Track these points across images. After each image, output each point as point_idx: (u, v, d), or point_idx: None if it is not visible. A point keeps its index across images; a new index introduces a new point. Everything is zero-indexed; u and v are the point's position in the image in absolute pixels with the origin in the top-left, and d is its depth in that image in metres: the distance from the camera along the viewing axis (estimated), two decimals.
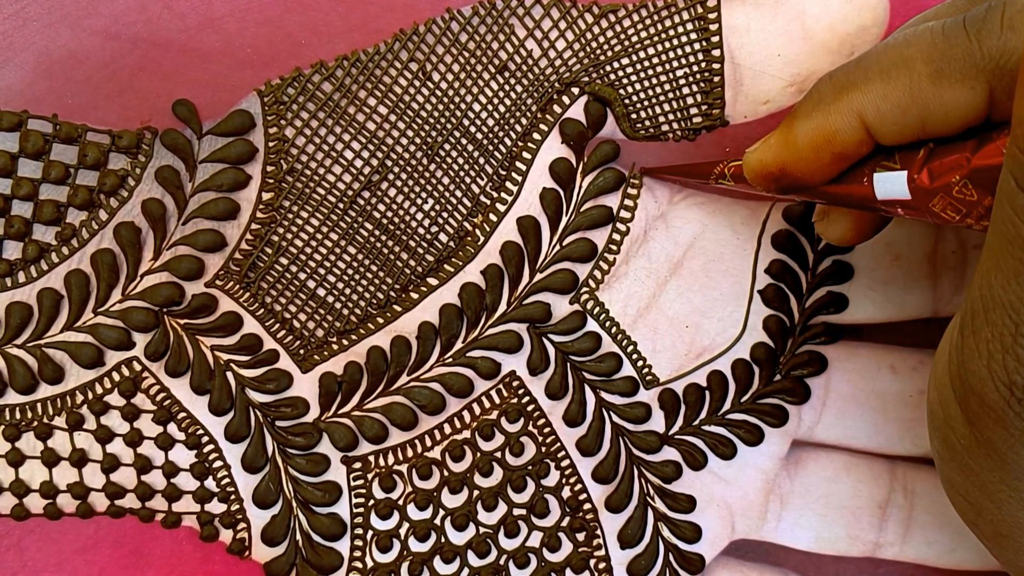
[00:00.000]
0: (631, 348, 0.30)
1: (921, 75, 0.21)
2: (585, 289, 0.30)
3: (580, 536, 0.30)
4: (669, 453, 0.30)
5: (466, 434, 0.30)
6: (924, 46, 0.21)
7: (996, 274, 0.19)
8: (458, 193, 0.29)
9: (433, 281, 0.30)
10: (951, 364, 0.21)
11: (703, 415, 0.30)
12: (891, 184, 0.22)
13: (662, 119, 0.30)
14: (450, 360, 0.30)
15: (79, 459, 0.29)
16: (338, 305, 0.29)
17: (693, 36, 0.30)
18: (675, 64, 0.30)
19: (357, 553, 0.30)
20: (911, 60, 0.21)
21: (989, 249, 0.19)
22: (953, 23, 0.21)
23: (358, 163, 0.29)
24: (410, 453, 0.30)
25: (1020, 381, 0.19)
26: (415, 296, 0.30)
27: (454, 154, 0.29)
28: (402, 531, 0.30)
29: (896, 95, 0.22)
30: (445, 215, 0.30)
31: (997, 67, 0.20)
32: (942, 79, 0.21)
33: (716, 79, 0.30)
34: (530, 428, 0.30)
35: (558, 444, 0.30)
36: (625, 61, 0.30)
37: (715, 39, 0.30)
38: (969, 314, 0.20)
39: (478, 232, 0.30)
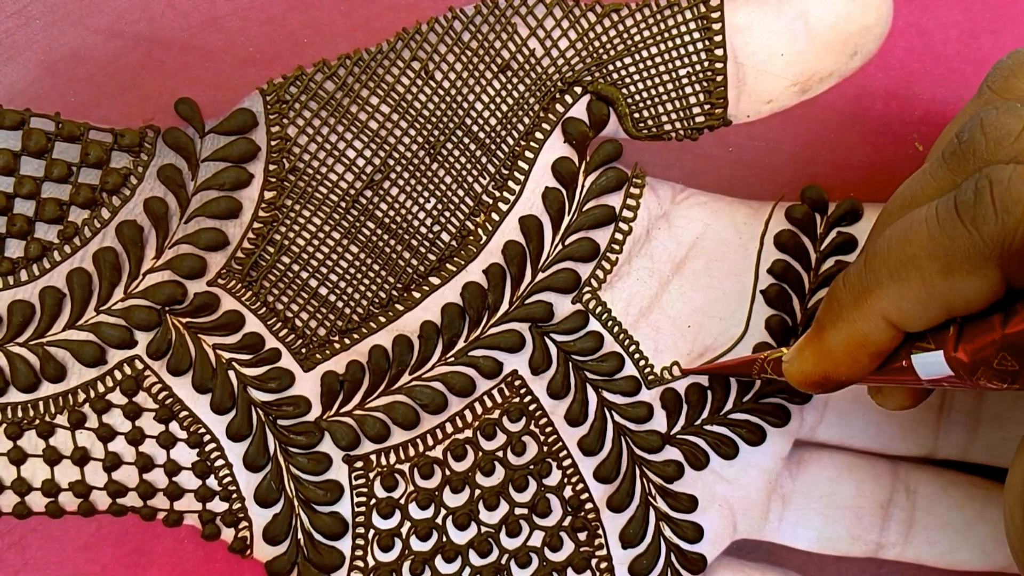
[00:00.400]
0: (633, 348, 0.30)
1: (931, 272, 0.21)
2: (587, 288, 0.30)
3: (582, 536, 0.30)
4: (671, 453, 0.30)
5: (468, 433, 0.30)
6: (925, 242, 0.21)
7: None
8: (460, 192, 0.29)
9: (435, 280, 0.30)
10: None
11: (705, 415, 0.30)
12: (931, 364, 0.22)
13: (665, 118, 0.30)
14: (452, 359, 0.30)
15: (81, 457, 0.29)
16: (340, 304, 0.29)
17: (696, 35, 0.30)
18: (678, 63, 0.30)
19: (359, 552, 0.30)
20: (917, 259, 0.21)
21: None
22: (946, 213, 0.21)
23: (360, 162, 0.29)
24: (412, 452, 0.30)
25: None
26: (417, 295, 0.30)
27: (456, 153, 0.29)
28: (404, 530, 0.30)
29: (913, 293, 0.22)
30: (447, 214, 0.29)
31: (1003, 251, 0.20)
32: (952, 273, 0.21)
33: (719, 78, 0.30)
34: (532, 427, 0.30)
35: (560, 443, 0.30)
36: (628, 60, 0.30)
37: (718, 38, 0.30)
38: None
39: (480, 231, 0.30)
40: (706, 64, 0.30)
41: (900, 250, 0.22)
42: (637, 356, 0.30)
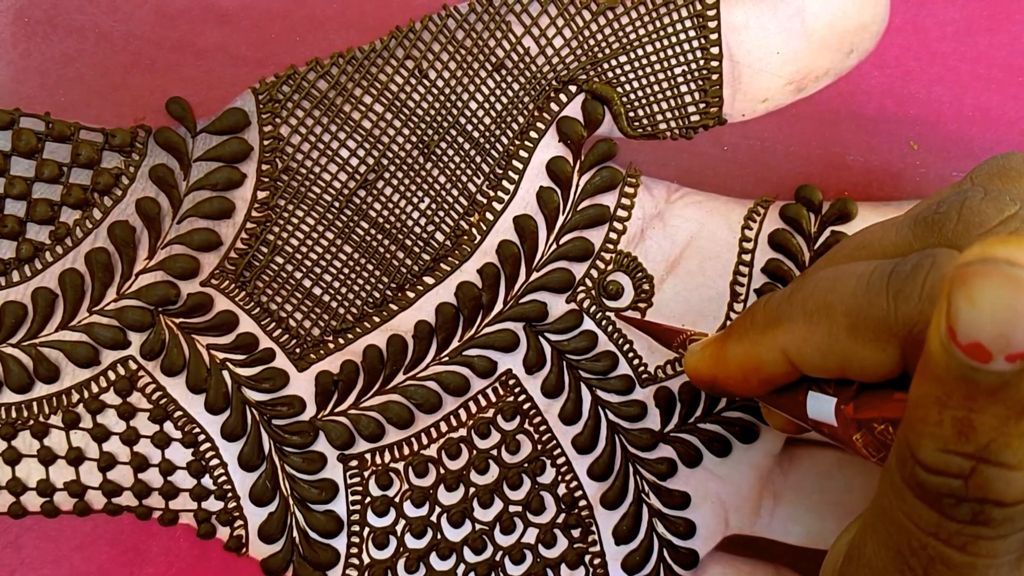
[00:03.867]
0: (627, 346, 0.30)
1: (840, 326, 0.21)
2: (581, 288, 0.30)
3: (575, 532, 0.30)
4: (664, 450, 0.31)
5: (462, 432, 0.30)
6: (847, 295, 0.21)
7: (871, 535, 0.20)
8: (455, 192, 0.29)
9: (429, 280, 0.30)
10: None
11: (698, 413, 0.31)
12: (821, 407, 0.22)
13: (660, 117, 0.30)
14: (446, 359, 0.30)
15: (76, 457, 0.29)
16: (334, 304, 0.29)
17: (692, 33, 0.29)
18: (673, 62, 0.29)
19: (354, 550, 0.30)
20: (832, 308, 0.21)
21: (872, 508, 0.20)
22: (879, 278, 0.20)
23: (354, 161, 0.29)
24: (406, 451, 0.30)
25: None
26: (411, 295, 0.29)
27: (451, 152, 0.29)
28: (398, 528, 0.30)
29: (816, 340, 0.21)
30: (442, 214, 0.29)
31: (910, 334, 0.20)
32: (858, 335, 0.20)
33: (714, 77, 0.30)
34: (526, 426, 0.30)
35: (554, 442, 0.30)
36: (623, 59, 0.29)
37: (714, 36, 0.29)
38: (853, 555, 0.21)
39: (475, 231, 0.30)
40: (702, 62, 0.29)
41: (823, 295, 0.21)
42: (631, 355, 0.30)
